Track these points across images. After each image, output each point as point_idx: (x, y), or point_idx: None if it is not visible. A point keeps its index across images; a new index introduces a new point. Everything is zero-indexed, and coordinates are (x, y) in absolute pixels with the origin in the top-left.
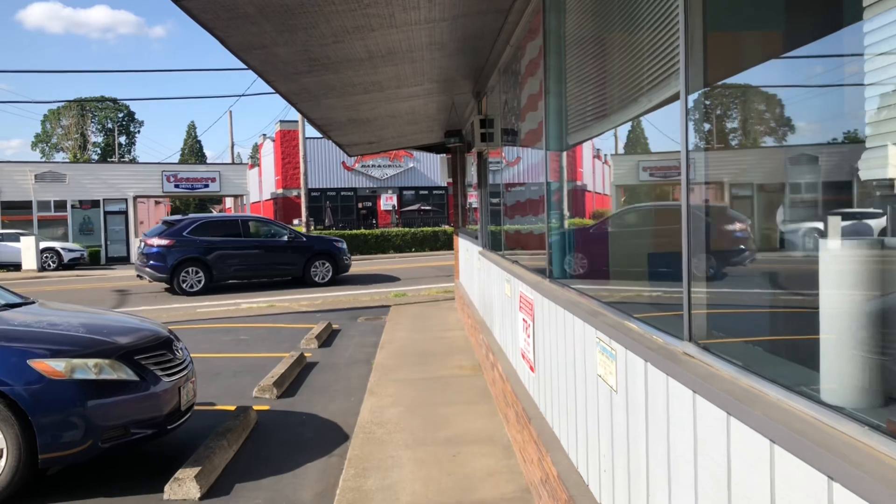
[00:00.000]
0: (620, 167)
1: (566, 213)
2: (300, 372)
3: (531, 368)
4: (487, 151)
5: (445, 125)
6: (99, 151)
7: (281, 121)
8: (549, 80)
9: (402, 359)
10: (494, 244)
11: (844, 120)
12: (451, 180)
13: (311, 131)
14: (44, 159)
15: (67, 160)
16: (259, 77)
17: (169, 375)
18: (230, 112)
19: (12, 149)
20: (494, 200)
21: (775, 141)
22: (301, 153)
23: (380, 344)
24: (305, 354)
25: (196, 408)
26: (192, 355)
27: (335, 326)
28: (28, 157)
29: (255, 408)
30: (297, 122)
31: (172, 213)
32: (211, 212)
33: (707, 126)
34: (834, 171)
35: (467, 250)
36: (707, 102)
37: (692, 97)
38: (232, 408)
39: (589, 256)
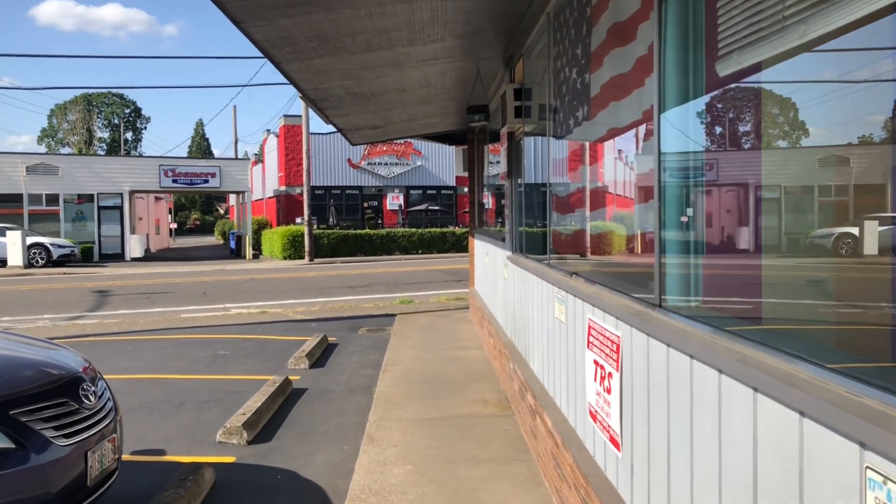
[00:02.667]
0: (644, 167)
1: (687, 211)
2: (283, 404)
3: (614, 444)
4: (521, 132)
5: (465, 103)
6: (105, 147)
7: (285, 115)
8: None
9: (409, 387)
10: (530, 248)
11: None
12: (465, 174)
13: (316, 126)
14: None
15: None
16: (224, 13)
17: (68, 436)
18: (234, 107)
19: (23, 144)
20: (540, 190)
21: None
22: (304, 148)
23: (383, 365)
24: (292, 378)
25: (138, 458)
26: (157, 376)
27: (332, 339)
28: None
29: (216, 460)
30: (301, 116)
31: (175, 209)
32: (217, 209)
33: None
34: None
35: (487, 254)
36: None
37: None
38: (186, 459)
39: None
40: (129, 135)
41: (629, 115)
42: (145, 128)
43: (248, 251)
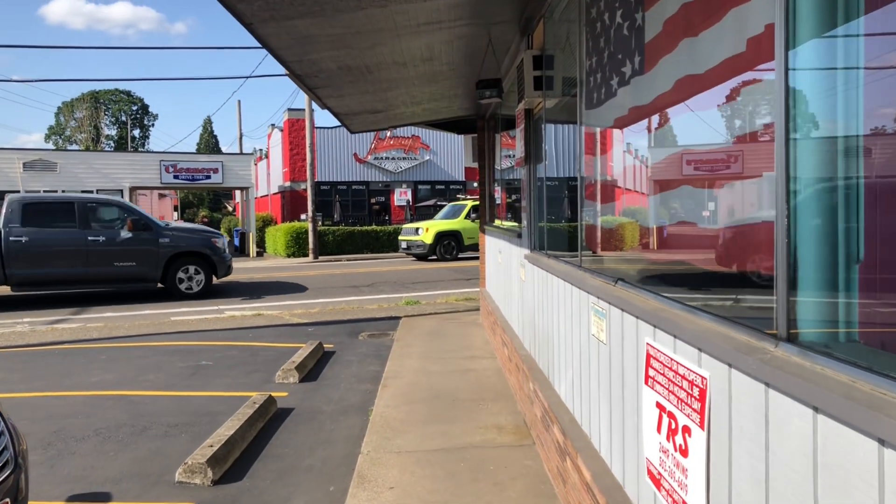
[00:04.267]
0: (658, 160)
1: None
2: (263, 429)
3: None
4: (541, 108)
5: (476, 80)
6: (112, 144)
7: (289, 109)
8: None
9: (411, 407)
10: (554, 245)
11: None
12: (475, 165)
13: (321, 120)
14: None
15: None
16: None
17: None
18: (238, 101)
19: (33, 142)
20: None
21: None
22: (308, 142)
23: (383, 378)
24: (278, 395)
25: None
26: (125, 392)
27: (328, 347)
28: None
29: None
30: (304, 110)
31: (183, 206)
32: (225, 206)
33: None
34: None
35: (500, 252)
36: None
37: None
38: None
39: None
40: (136, 132)
41: (718, 52)
42: (153, 125)
43: (252, 249)
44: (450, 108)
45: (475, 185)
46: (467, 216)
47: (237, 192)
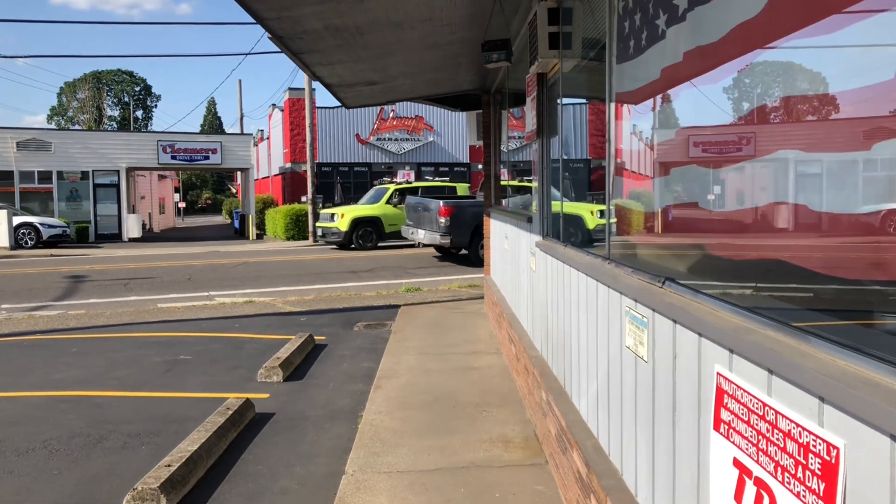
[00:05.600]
0: (664, 141)
1: None
2: (236, 440)
3: None
4: (557, 70)
5: (481, 44)
6: (115, 125)
7: (290, 88)
8: None
9: (405, 413)
10: (567, 234)
11: None
12: (479, 144)
13: (322, 100)
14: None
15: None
16: None
17: None
18: (239, 81)
19: (38, 123)
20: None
21: None
22: (308, 122)
23: (376, 377)
24: (258, 397)
25: None
26: (87, 393)
27: (320, 339)
28: None
29: None
30: (304, 89)
31: (186, 188)
32: (229, 188)
33: None
34: None
35: (507, 237)
36: None
37: None
38: None
39: None
40: (139, 113)
41: None
42: (155, 106)
43: (252, 231)
44: (453, 80)
45: (480, 166)
46: (389, 200)
47: (237, 173)
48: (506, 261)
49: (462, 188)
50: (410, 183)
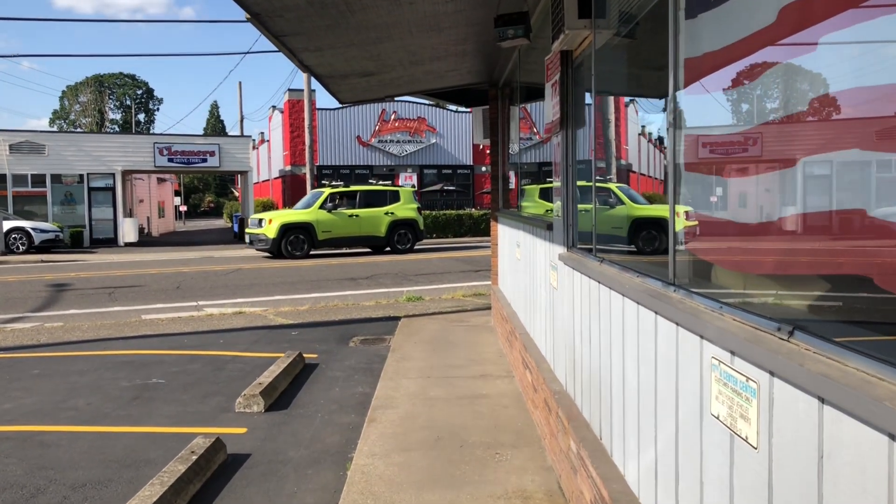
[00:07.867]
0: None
1: None
2: (200, 492)
3: None
4: (588, 44)
5: (489, 25)
6: (117, 129)
7: (290, 89)
8: None
9: (404, 457)
10: (606, 242)
11: None
12: (485, 142)
13: (323, 101)
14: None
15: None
16: None
17: None
18: (239, 83)
19: (41, 126)
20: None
21: None
22: (307, 123)
23: (371, 407)
24: (234, 432)
25: None
26: (35, 428)
27: (311, 357)
28: None
29: None
30: (303, 90)
31: (188, 191)
32: (231, 191)
33: None
34: None
35: (518, 245)
36: None
37: None
38: None
39: None
40: (141, 116)
41: None
42: (157, 109)
43: None
44: (457, 70)
45: (483, 169)
46: (323, 205)
47: (238, 176)
48: (518, 271)
49: (406, 193)
50: (348, 186)
